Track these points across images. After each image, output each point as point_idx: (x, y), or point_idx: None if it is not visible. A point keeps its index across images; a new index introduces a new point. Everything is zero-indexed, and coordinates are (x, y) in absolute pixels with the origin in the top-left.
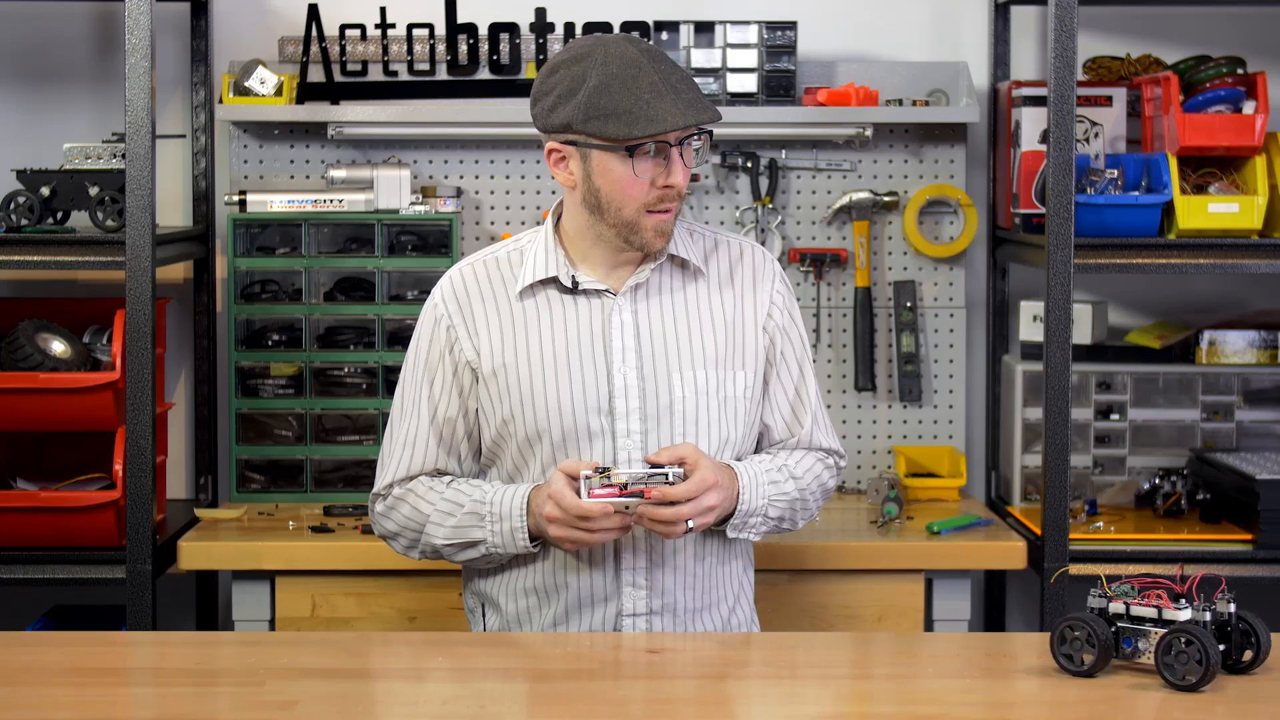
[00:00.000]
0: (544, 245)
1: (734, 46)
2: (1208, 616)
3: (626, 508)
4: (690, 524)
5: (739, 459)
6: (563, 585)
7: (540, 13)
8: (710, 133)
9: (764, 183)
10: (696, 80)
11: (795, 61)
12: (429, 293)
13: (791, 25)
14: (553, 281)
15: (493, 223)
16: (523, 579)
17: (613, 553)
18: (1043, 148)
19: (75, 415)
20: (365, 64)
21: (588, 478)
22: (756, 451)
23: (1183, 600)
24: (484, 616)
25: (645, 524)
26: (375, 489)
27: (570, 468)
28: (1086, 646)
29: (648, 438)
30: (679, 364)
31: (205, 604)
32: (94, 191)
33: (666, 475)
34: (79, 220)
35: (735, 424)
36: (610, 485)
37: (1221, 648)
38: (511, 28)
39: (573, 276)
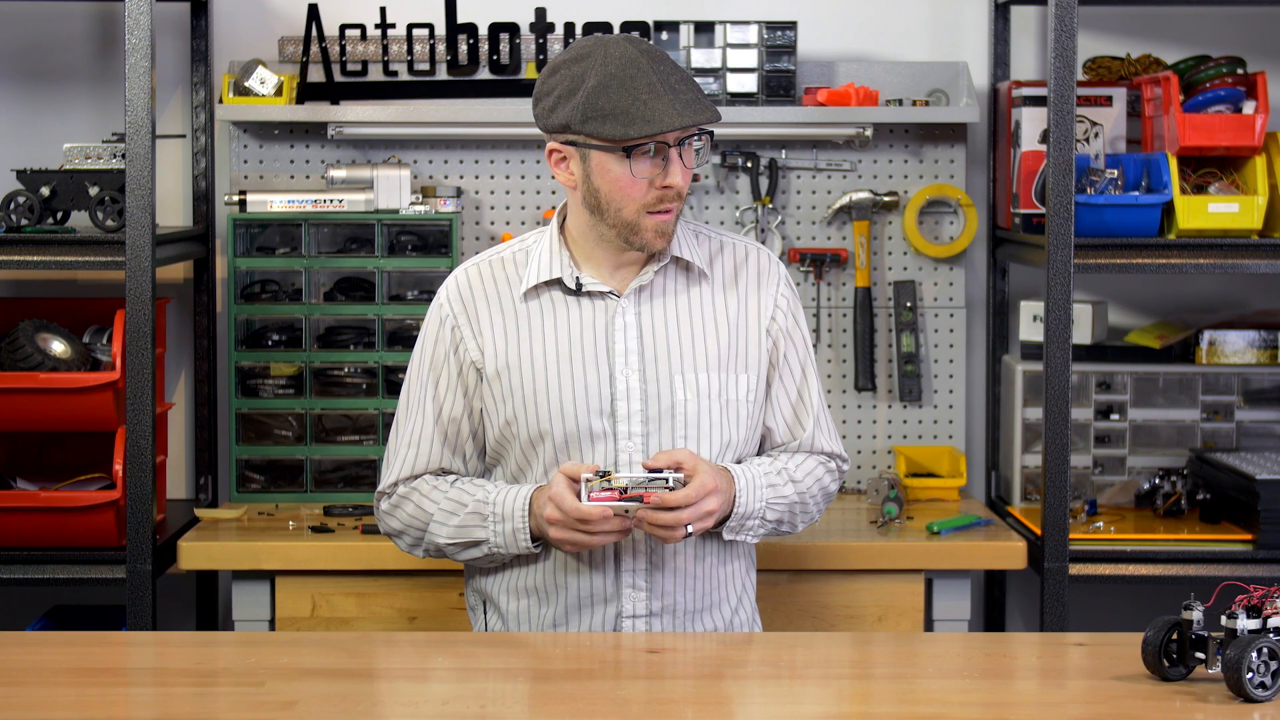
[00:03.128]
0: (549, 246)
1: (734, 46)
2: None
3: (626, 511)
4: (689, 529)
5: (740, 461)
6: (562, 586)
7: (540, 13)
8: (711, 133)
9: (764, 183)
10: (697, 80)
11: (795, 61)
12: (429, 293)
13: (791, 25)
14: (557, 283)
15: (493, 223)
16: (522, 578)
17: (612, 555)
18: (1043, 148)
19: (75, 415)
20: (365, 64)
21: (588, 480)
22: (759, 454)
23: None
24: (485, 614)
25: (645, 528)
26: (380, 487)
27: (571, 470)
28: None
29: (649, 440)
30: (681, 367)
31: (205, 604)
32: (94, 191)
33: (666, 480)
34: (79, 220)
35: (737, 427)
36: (610, 489)
37: None
38: (511, 28)
39: (576, 278)
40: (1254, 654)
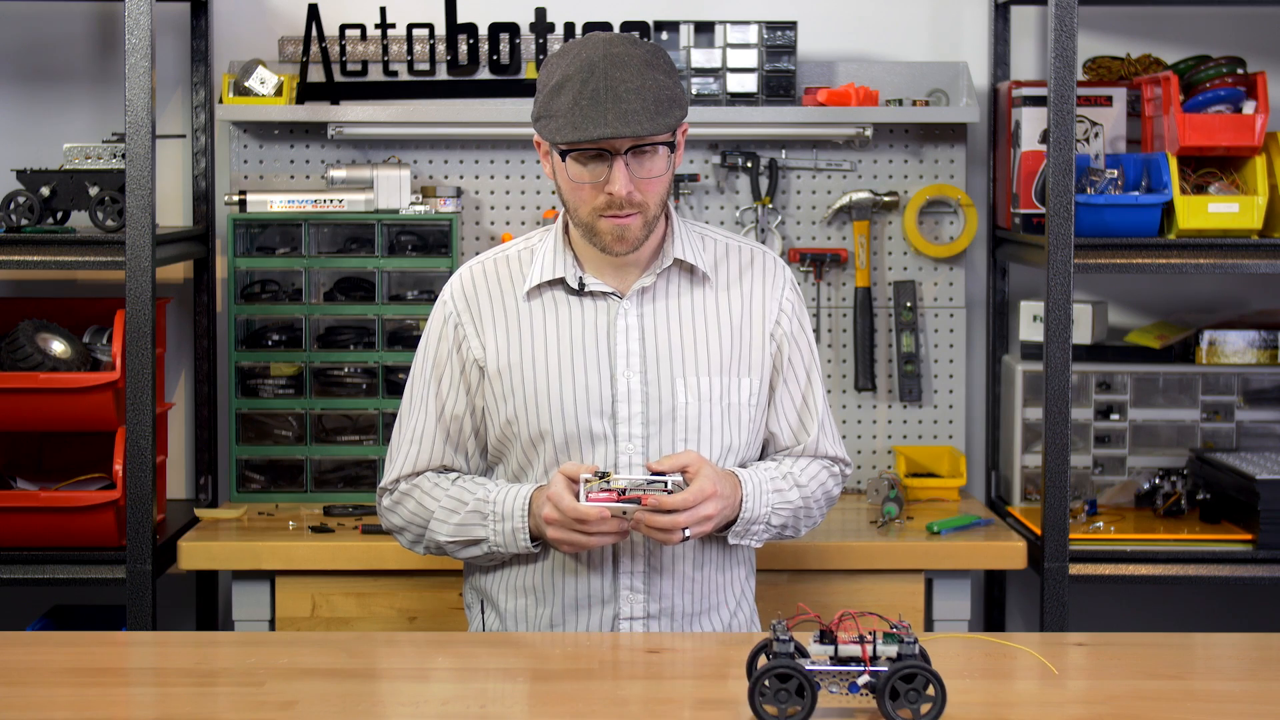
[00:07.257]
0: (553, 246)
1: (734, 46)
2: None
3: (624, 513)
4: (687, 532)
5: (743, 465)
6: (559, 586)
7: (540, 13)
8: (671, 144)
9: (764, 183)
10: (696, 80)
11: (795, 61)
12: (429, 293)
13: (791, 25)
14: (560, 282)
15: (493, 223)
16: (520, 578)
17: (611, 557)
18: (1043, 148)
19: (75, 415)
20: (365, 64)
21: (586, 481)
22: (762, 458)
23: None
24: (482, 613)
25: (643, 530)
26: (382, 483)
27: (570, 470)
28: None
29: (650, 443)
30: (683, 369)
31: (205, 604)
32: (94, 191)
33: (665, 483)
34: (79, 220)
35: (739, 431)
36: (609, 490)
37: None
38: (511, 28)
39: (579, 278)
40: None
